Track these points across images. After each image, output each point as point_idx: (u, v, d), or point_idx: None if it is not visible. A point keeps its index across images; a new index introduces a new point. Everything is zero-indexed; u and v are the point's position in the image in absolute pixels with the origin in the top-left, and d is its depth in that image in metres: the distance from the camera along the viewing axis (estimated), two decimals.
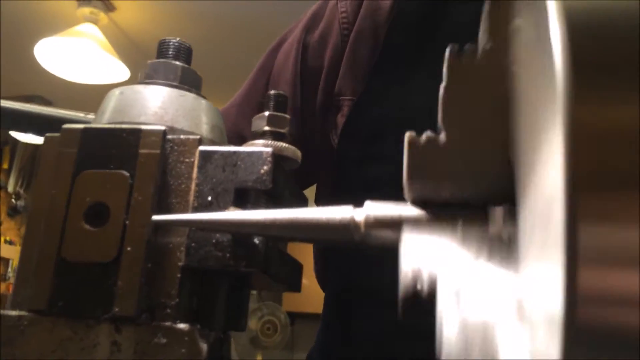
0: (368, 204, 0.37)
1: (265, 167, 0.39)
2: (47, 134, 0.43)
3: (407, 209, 0.35)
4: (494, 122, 0.31)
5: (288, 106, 0.46)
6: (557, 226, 0.21)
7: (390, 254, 0.35)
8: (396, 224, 0.35)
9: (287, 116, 0.45)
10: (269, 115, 0.45)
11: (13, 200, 4.86)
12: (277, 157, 0.41)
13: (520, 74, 0.29)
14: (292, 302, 4.74)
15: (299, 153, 0.45)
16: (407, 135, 0.34)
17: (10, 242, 4.83)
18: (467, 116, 0.32)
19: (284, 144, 0.44)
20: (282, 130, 0.45)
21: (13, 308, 0.40)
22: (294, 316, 4.72)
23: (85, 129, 0.41)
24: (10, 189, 4.84)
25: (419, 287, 0.31)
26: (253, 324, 4.43)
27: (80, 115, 0.51)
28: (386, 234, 0.36)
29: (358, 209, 0.36)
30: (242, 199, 0.39)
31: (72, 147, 0.41)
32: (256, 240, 0.39)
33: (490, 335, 0.29)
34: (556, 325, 0.20)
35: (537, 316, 0.25)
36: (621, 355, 0.21)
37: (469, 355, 0.28)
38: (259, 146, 0.42)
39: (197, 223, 0.38)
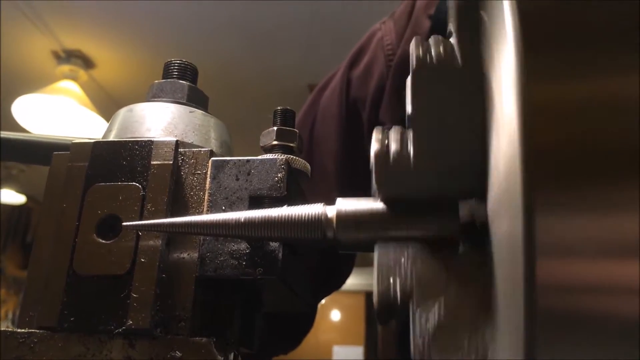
0: (340, 200, 0.37)
1: (279, 175, 0.39)
2: (56, 152, 0.43)
3: (378, 204, 0.36)
4: (464, 115, 0.32)
5: (333, 133, 0.46)
6: (517, 217, 0.21)
7: None
8: (368, 220, 0.35)
9: (296, 130, 0.45)
10: (278, 130, 0.45)
11: None
12: (291, 166, 0.41)
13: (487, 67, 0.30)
14: None
15: (308, 167, 0.45)
16: (374, 149, 0.34)
17: None
18: (438, 112, 0.32)
19: (294, 157, 0.44)
20: (290, 144, 0.45)
21: (21, 327, 0.38)
22: None
23: (96, 143, 0.41)
24: None
25: (393, 295, 0.32)
26: None
27: (85, 140, 0.51)
28: (358, 231, 0.36)
29: (329, 206, 0.37)
30: (257, 208, 0.39)
31: (83, 161, 0.40)
32: (272, 248, 0.38)
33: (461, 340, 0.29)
34: (520, 314, 0.21)
35: (505, 313, 0.25)
36: (589, 342, 0.21)
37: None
38: None
39: (171, 226, 0.37)
